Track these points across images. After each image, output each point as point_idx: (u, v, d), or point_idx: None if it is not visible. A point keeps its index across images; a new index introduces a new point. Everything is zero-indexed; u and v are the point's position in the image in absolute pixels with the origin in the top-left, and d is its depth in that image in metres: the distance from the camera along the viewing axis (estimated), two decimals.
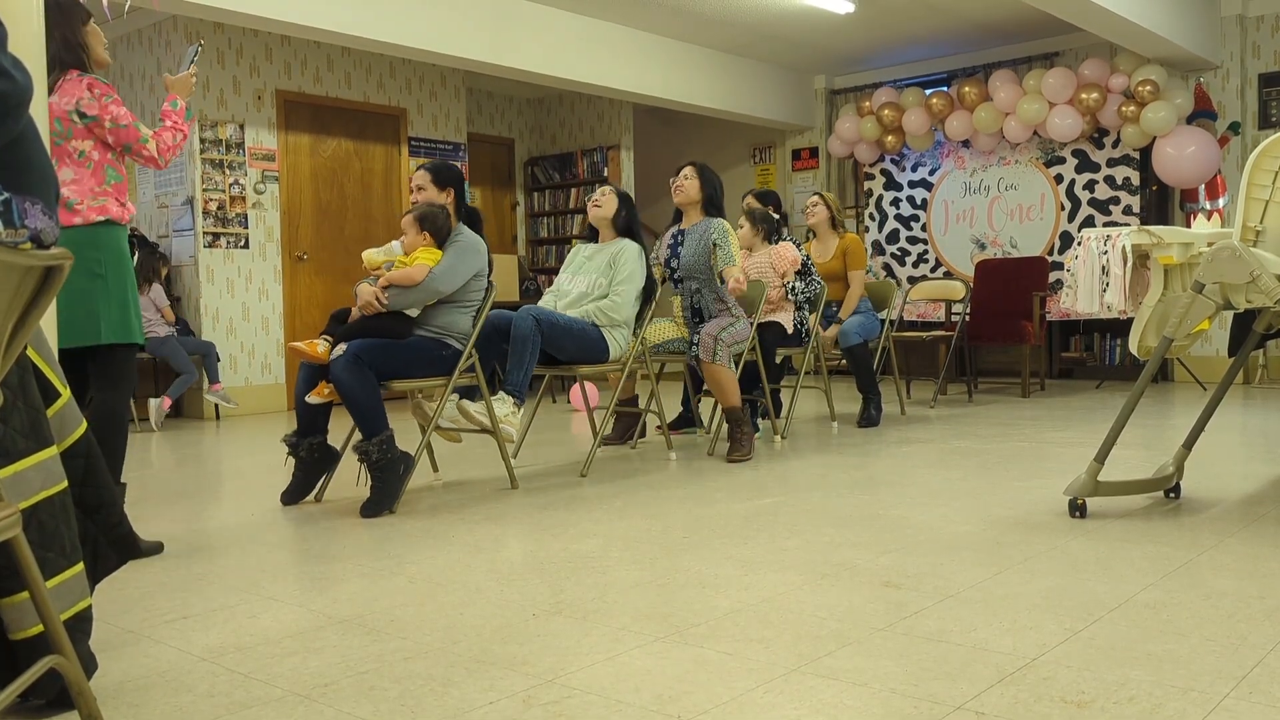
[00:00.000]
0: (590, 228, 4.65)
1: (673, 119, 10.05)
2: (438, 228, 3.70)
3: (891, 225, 9.00)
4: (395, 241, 3.80)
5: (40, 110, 3.87)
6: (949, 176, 8.71)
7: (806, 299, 5.25)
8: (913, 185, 8.91)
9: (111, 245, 2.88)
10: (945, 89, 8.49)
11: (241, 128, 7.15)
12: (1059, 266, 7.93)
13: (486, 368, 3.90)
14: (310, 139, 7.56)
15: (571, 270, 4.51)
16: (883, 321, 6.00)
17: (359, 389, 3.40)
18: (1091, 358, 8.21)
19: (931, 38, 8.34)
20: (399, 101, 8.07)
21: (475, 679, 1.88)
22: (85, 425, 1.87)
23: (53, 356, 1.82)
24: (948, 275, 8.51)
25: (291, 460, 3.67)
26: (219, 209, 7.04)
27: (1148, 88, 7.27)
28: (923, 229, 8.85)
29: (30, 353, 1.73)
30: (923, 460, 4.35)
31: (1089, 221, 7.96)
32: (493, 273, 3.90)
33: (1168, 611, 2.17)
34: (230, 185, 7.09)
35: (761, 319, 5.01)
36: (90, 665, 1.84)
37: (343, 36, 6.16)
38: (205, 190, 6.97)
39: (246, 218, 7.17)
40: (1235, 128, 7.60)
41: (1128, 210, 7.80)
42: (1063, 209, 8.12)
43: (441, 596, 2.44)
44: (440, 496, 3.77)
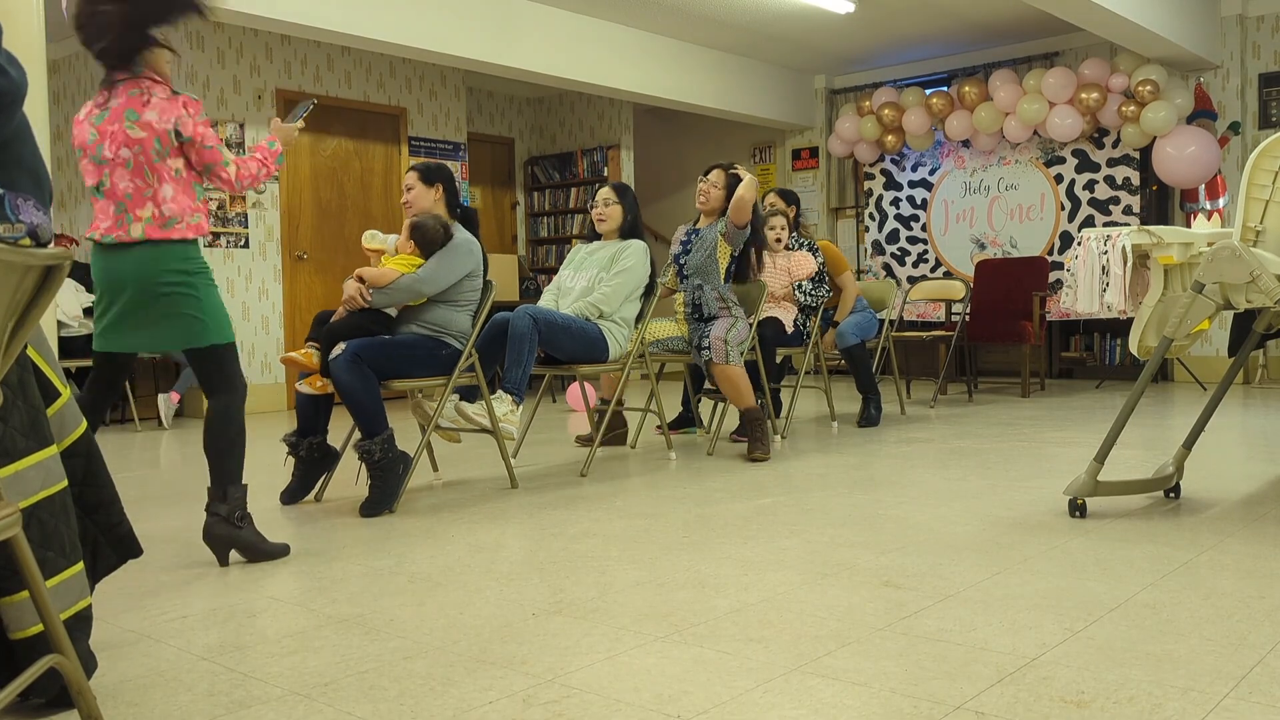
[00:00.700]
0: (591, 227, 4.65)
1: (673, 118, 10.05)
2: (426, 240, 3.68)
3: (891, 225, 9.00)
4: (394, 236, 3.82)
5: (41, 111, 3.88)
6: (949, 176, 8.71)
7: (810, 305, 5.26)
8: (913, 185, 8.91)
9: (201, 256, 2.99)
10: (945, 89, 8.49)
11: (241, 127, 7.15)
12: (1059, 266, 7.94)
13: (488, 370, 3.90)
14: (310, 138, 7.56)
15: (573, 267, 4.51)
16: (882, 321, 5.99)
17: (359, 388, 3.40)
18: (1091, 357, 8.21)
19: (932, 37, 8.34)
20: (399, 101, 8.07)
21: (475, 678, 1.88)
22: (85, 424, 1.87)
23: (53, 355, 1.82)
24: (948, 275, 8.51)
25: (291, 460, 3.67)
26: (219, 208, 7.04)
27: (1148, 87, 7.27)
28: (923, 229, 8.85)
29: (30, 352, 1.73)
30: (923, 460, 4.35)
31: (1089, 221, 7.97)
32: (489, 272, 3.89)
33: (1167, 611, 2.17)
34: None
35: (761, 315, 5.00)
36: (90, 664, 1.84)
37: (343, 36, 6.16)
38: (205, 189, 6.96)
39: (246, 217, 7.17)
40: (1235, 128, 7.60)
41: (1128, 210, 7.80)
42: (1063, 209, 8.12)
43: (441, 596, 2.44)
44: (440, 496, 3.77)
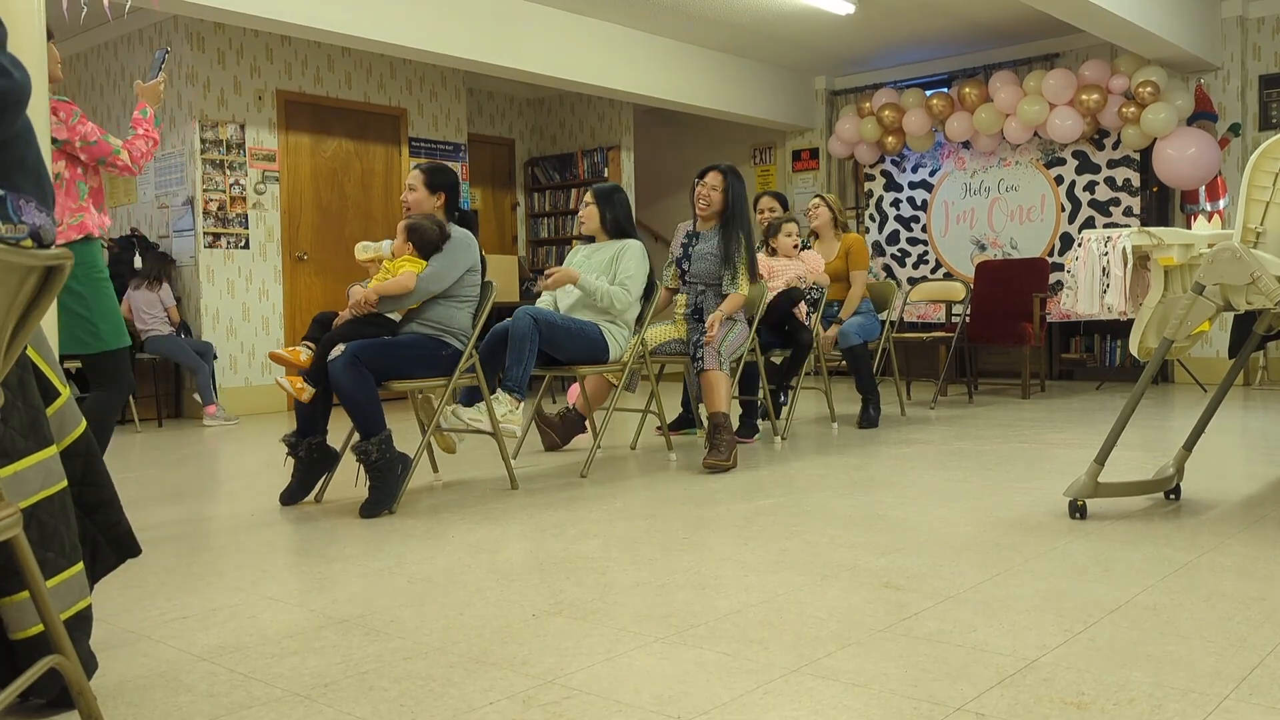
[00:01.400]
0: None
1: (673, 119, 10.05)
2: (424, 241, 3.67)
3: (892, 226, 9.00)
4: (387, 240, 3.81)
5: (40, 111, 3.88)
6: (949, 177, 8.71)
7: (808, 297, 5.27)
8: (913, 186, 8.92)
9: (93, 260, 2.96)
10: (946, 90, 8.50)
11: (242, 128, 7.15)
12: (1059, 268, 7.94)
13: (490, 378, 3.90)
14: (311, 139, 7.56)
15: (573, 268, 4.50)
16: (883, 322, 5.99)
17: (357, 390, 3.40)
18: (1092, 359, 8.21)
19: (932, 39, 8.35)
20: (399, 102, 8.07)
21: (475, 679, 1.88)
22: (85, 424, 1.87)
23: (53, 356, 1.82)
24: (948, 276, 8.51)
25: (291, 460, 3.67)
26: (219, 209, 7.04)
27: (1148, 89, 7.28)
28: (923, 230, 8.85)
29: (30, 352, 1.73)
30: (923, 461, 4.35)
31: (1089, 223, 7.97)
32: (486, 273, 3.89)
33: (1167, 613, 2.17)
34: (231, 185, 7.09)
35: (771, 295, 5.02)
36: (90, 665, 1.84)
37: (343, 37, 6.17)
38: (205, 190, 6.97)
39: (247, 218, 7.17)
40: (1236, 129, 7.60)
41: (1128, 211, 7.81)
42: (1063, 210, 8.12)
43: (441, 597, 2.44)
44: (440, 497, 3.77)
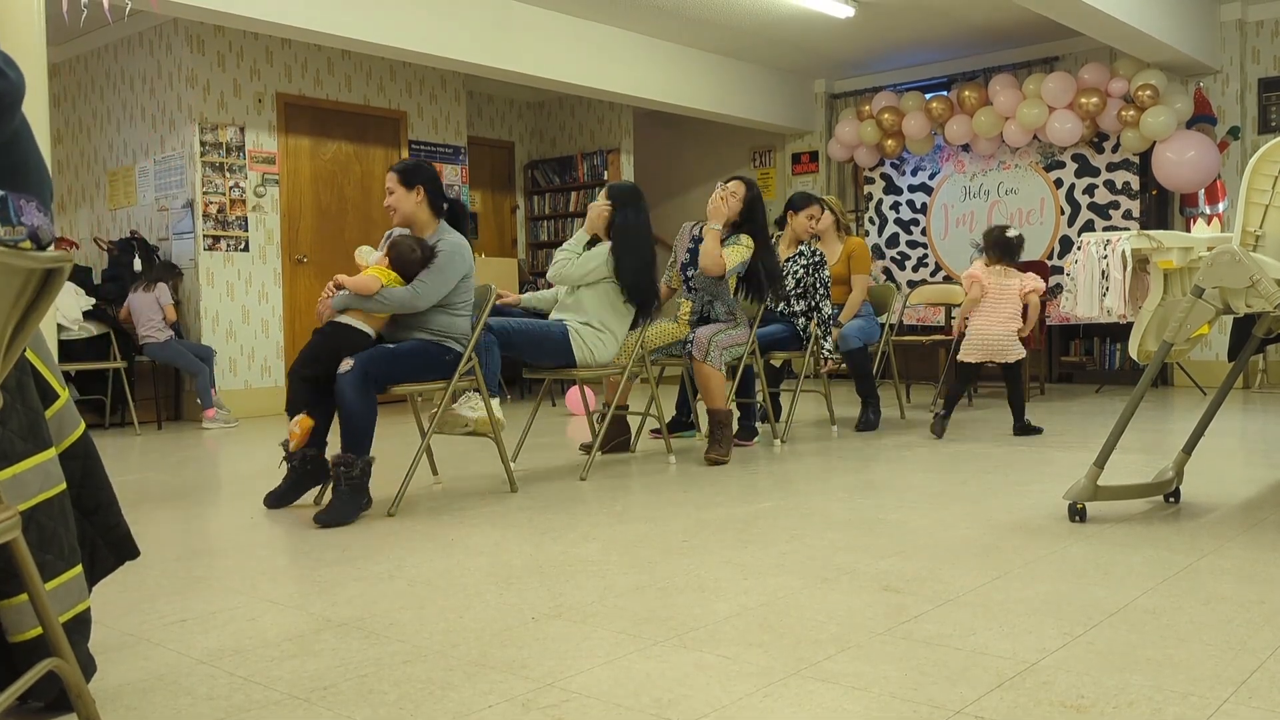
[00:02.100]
0: None
1: (673, 122, 10.05)
2: (403, 263, 3.59)
3: (891, 229, 9.01)
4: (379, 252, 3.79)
5: (41, 114, 3.89)
6: (949, 180, 8.72)
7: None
8: (912, 189, 8.92)
9: None
10: (945, 93, 8.50)
11: (242, 130, 7.15)
12: (1059, 271, 7.94)
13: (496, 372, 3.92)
14: (310, 142, 7.56)
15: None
16: (883, 326, 5.99)
17: (361, 409, 3.37)
18: (1091, 362, 8.21)
19: (931, 42, 8.35)
20: (399, 105, 8.07)
21: (474, 682, 1.88)
22: (83, 426, 1.87)
23: (51, 358, 1.82)
24: (947, 279, 8.51)
25: (285, 466, 3.65)
26: (219, 212, 7.04)
27: (1147, 92, 7.28)
28: (922, 233, 8.85)
29: (29, 354, 1.73)
30: (922, 464, 4.35)
31: (1088, 226, 7.97)
32: (488, 275, 3.89)
33: (1167, 616, 2.17)
34: (230, 188, 7.09)
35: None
36: (89, 668, 1.84)
37: (343, 40, 6.17)
38: (205, 193, 6.97)
39: (246, 220, 7.17)
40: (1235, 132, 7.61)
41: (1127, 215, 7.81)
42: (1062, 213, 8.12)
43: (440, 600, 2.44)
44: (439, 500, 3.77)
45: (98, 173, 7.76)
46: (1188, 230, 6.67)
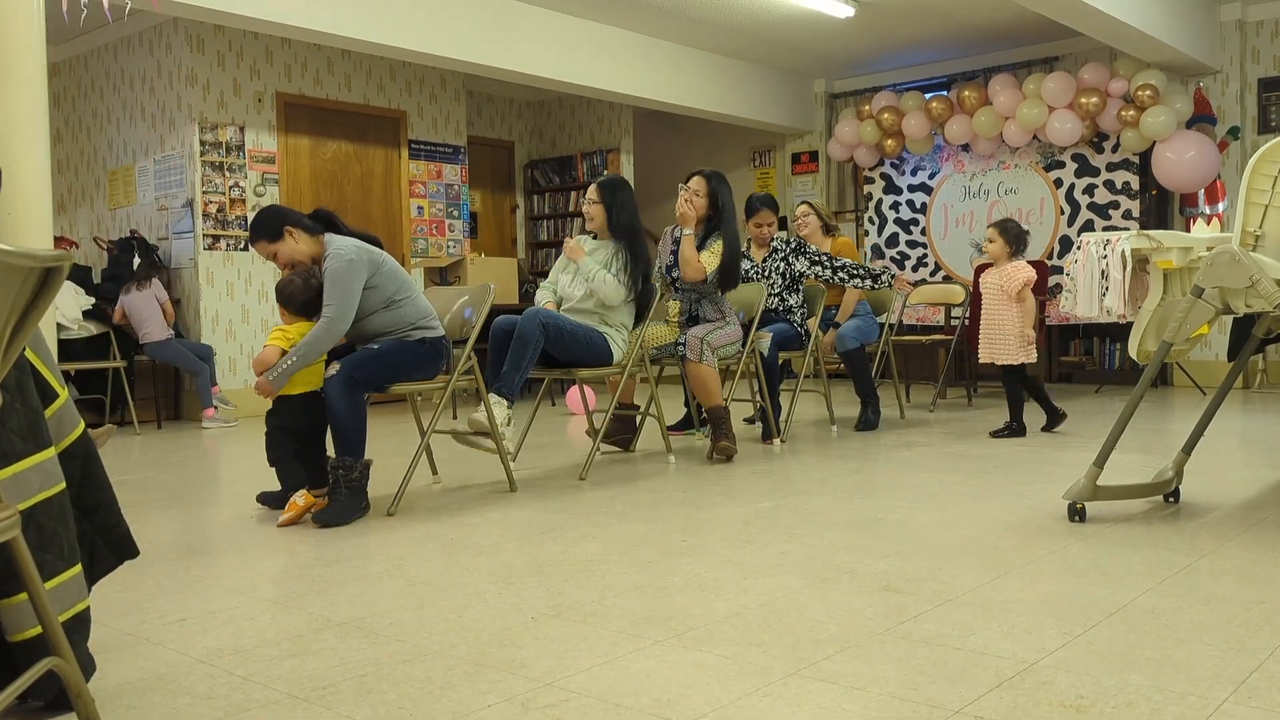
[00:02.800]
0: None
1: (673, 122, 10.05)
2: (292, 301, 3.50)
3: (891, 229, 9.01)
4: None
5: (40, 114, 3.89)
6: (948, 180, 8.72)
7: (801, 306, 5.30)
8: (912, 189, 8.92)
9: None
10: (945, 93, 8.50)
11: (241, 130, 7.15)
12: (1059, 271, 7.94)
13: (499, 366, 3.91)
14: (310, 141, 7.56)
15: (571, 271, 4.50)
16: (882, 325, 5.99)
17: (350, 412, 3.35)
18: (1091, 362, 8.21)
19: (931, 42, 8.35)
20: (399, 104, 8.07)
21: (473, 682, 1.88)
22: (83, 426, 1.87)
23: (51, 357, 1.82)
24: (947, 279, 8.51)
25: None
26: (219, 211, 7.04)
27: (1147, 92, 7.28)
28: (922, 233, 8.85)
29: (28, 354, 1.73)
30: (922, 464, 4.35)
31: (1088, 226, 7.97)
32: (489, 275, 3.88)
33: (1167, 616, 2.17)
34: (230, 188, 7.09)
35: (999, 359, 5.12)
36: (89, 667, 1.84)
37: (343, 39, 6.17)
38: (205, 193, 6.97)
39: (246, 220, 7.17)
40: (1235, 132, 7.61)
41: (1127, 215, 7.81)
42: (1062, 213, 8.12)
43: (440, 599, 2.44)
44: (439, 499, 3.77)
45: (97, 172, 7.76)
46: (1187, 230, 6.67)
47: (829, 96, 9.59)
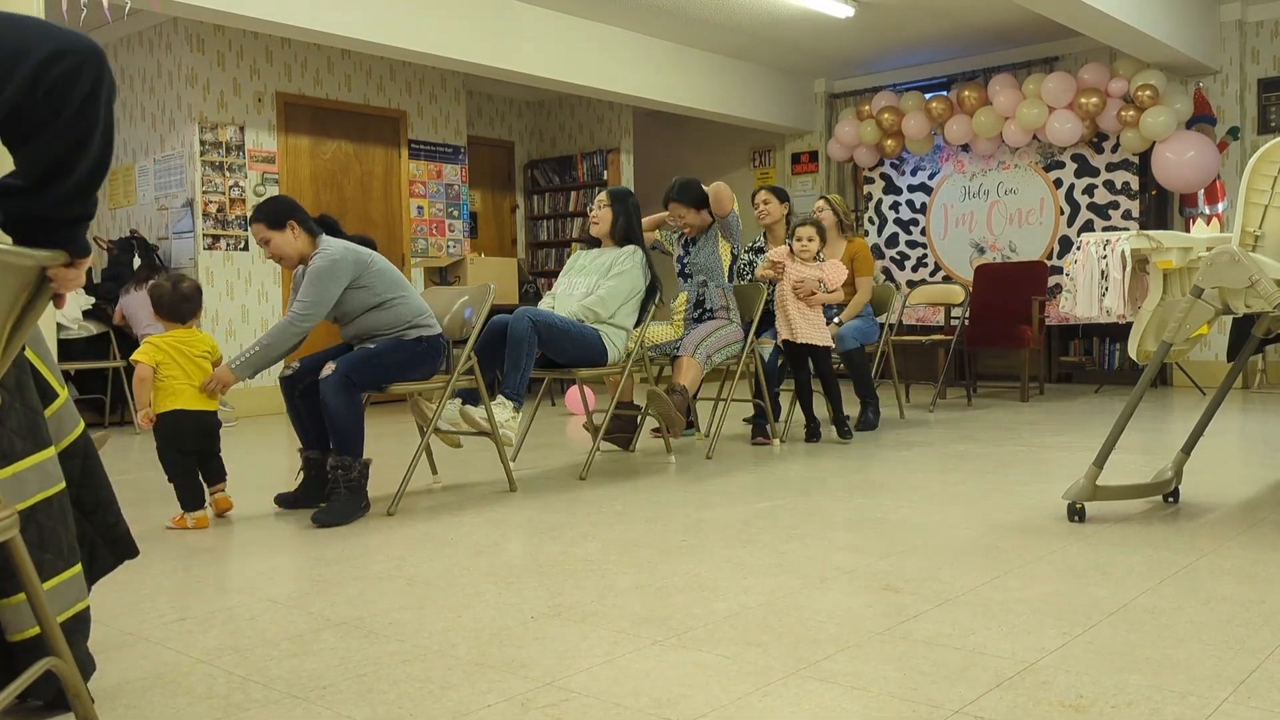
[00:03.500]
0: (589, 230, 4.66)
1: (673, 122, 10.05)
2: (159, 302, 3.52)
3: (891, 229, 9.01)
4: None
5: None
6: (948, 180, 8.72)
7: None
8: (912, 189, 8.92)
9: None
10: (945, 93, 8.50)
11: (241, 130, 7.15)
12: (1058, 271, 7.94)
13: (489, 374, 3.89)
14: (310, 141, 7.56)
15: (573, 274, 4.51)
16: (882, 326, 5.99)
17: (347, 413, 3.35)
18: (1090, 362, 8.21)
19: (931, 42, 8.35)
20: (399, 104, 8.07)
21: (473, 682, 1.88)
22: (83, 425, 1.87)
23: (51, 357, 1.82)
24: (947, 279, 8.51)
25: (303, 473, 3.64)
26: (219, 211, 7.04)
27: (1147, 92, 7.28)
28: (922, 233, 8.85)
29: (28, 353, 1.73)
30: (922, 464, 4.35)
31: (1088, 226, 7.97)
32: (490, 275, 3.88)
33: (1166, 616, 2.17)
34: (230, 187, 7.09)
35: (799, 337, 4.90)
36: (88, 666, 1.84)
37: (343, 39, 6.17)
38: (205, 192, 6.97)
39: (246, 220, 7.17)
40: (1234, 132, 7.61)
41: (1127, 215, 7.81)
42: (1062, 213, 8.12)
43: (440, 599, 2.44)
44: (439, 499, 3.77)
45: None
46: (1187, 230, 6.67)
47: (829, 96, 9.59)
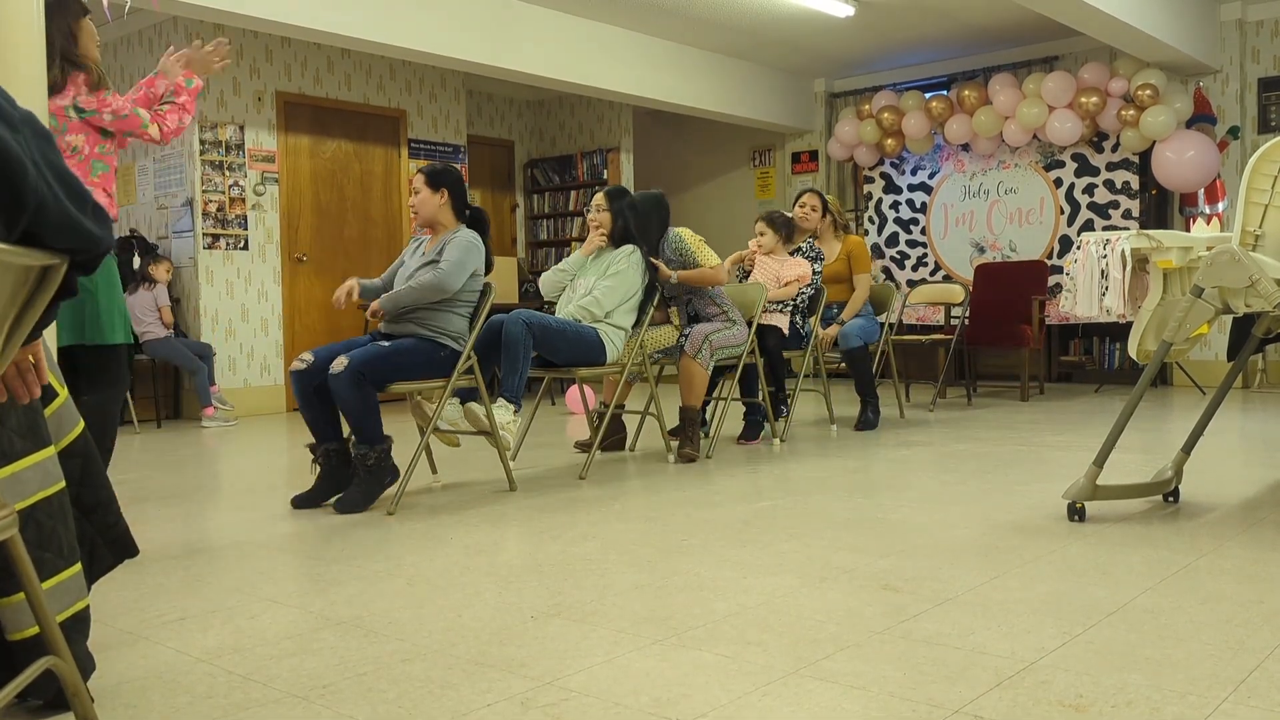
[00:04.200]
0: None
1: (672, 122, 10.05)
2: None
3: (891, 229, 9.01)
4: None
5: (41, 113, 3.87)
6: (948, 180, 8.71)
7: (803, 307, 5.25)
8: (912, 189, 8.92)
9: None
10: (945, 92, 8.50)
11: (241, 129, 7.15)
12: (1058, 270, 7.94)
13: (486, 373, 3.89)
14: (310, 140, 7.56)
15: (586, 272, 4.51)
16: (882, 325, 5.99)
17: (359, 403, 3.45)
18: (1090, 361, 8.21)
19: (931, 41, 8.35)
20: (399, 103, 8.07)
21: (473, 681, 1.88)
22: (82, 424, 1.87)
23: (51, 357, 1.82)
24: (947, 279, 8.51)
25: (317, 468, 3.65)
26: (218, 210, 7.04)
27: (1147, 92, 7.28)
28: (922, 232, 8.85)
29: None
30: (922, 464, 4.35)
31: (1088, 225, 7.97)
32: (490, 273, 3.89)
33: (1166, 616, 2.17)
34: (230, 187, 7.09)
35: (760, 321, 4.99)
36: (88, 666, 1.84)
37: (343, 38, 6.17)
38: (205, 191, 6.97)
39: (246, 219, 7.17)
40: (1234, 132, 7.61)
41: (1127, 214, 7.81)
42: (1062, 213, 8.12)
43: (440, 598, 2.44)
44: (439, 498, 3.77)
45: None
46: (1187, 230, 6.67)
47: (829, 96, 9.59)
